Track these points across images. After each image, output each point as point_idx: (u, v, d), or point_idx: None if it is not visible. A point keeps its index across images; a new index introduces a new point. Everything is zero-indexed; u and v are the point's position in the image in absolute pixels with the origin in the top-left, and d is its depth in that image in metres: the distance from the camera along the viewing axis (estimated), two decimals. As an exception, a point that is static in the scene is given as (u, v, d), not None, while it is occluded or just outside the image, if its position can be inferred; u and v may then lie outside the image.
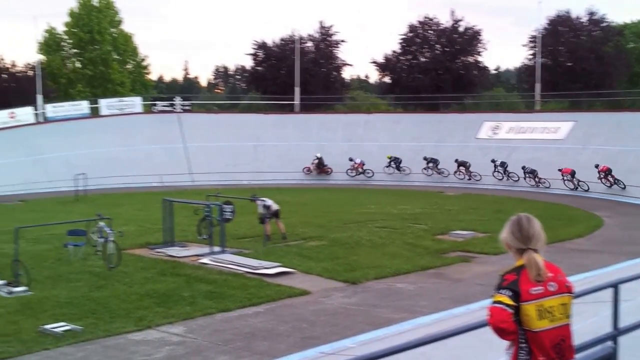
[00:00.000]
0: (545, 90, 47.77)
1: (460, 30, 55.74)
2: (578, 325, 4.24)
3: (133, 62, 60.67)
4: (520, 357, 3.91)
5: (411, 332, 9.66)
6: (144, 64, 62.25)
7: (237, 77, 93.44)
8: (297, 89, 50.26)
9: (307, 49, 56.37)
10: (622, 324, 6.44)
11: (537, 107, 47.65)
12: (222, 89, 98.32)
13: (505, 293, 3.83)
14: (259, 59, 58.18)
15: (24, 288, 14.11)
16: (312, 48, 57.55)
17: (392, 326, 10.81)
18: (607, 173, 34.27)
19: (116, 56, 57.94)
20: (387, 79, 59.65)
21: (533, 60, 52.35)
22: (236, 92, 79.32)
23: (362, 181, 41.38)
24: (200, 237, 20.25)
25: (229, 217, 19.69)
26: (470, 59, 56.33)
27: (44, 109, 45.60)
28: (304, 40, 56.23)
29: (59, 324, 11.38)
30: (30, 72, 53.04)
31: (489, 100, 54.54)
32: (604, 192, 34.23)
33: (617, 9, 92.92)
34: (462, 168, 39.79)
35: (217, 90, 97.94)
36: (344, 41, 58.66)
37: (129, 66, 60.41)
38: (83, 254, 17.65)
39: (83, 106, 46.87)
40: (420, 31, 56.65)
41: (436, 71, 54.49)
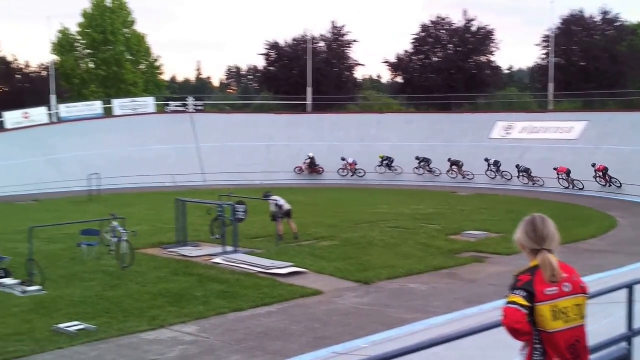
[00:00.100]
0: (559, 90, 47.57)
1: (473, 30, 55.64)
2: (592, 326, 4.21)
3: (146, 62, 60.87)
4: (535, 358, 3.89)
5: (424, 332, 9.63)
6: (157, 64, 62.46)
7: (250, 77, 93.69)
8: (309, 89, 50.27)
9: (319, 49, 56.39)
10: (637, 325, 6.40)
11: (551, 107, 47.41)
12: (235, 89, 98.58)
13: (519, 294, 3.82)
14: (272, 59, 58.29)
15: (38, 287, 14.18)
16: (324, 48, 57.60)
17: (405, 326, 10.78)
18: (604, 172, 34.69)
19: (129, 57, 58.12)
20: (400, 79, 59.63)
21: (546, 59, 52.13)
22: (249, 92, 79.50)
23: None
24: (213, 237, 20.28)
25: (242, 217, 19.70)
26: (482, 58, 56.22)
27: (57, 109, 45.83)
28: (316, 41, 56.25)
29: (72, 323, 11.43)
30: (44, 72, 53.42)
31: (502, 100, 54.33)
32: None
33: (631, 8, 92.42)
34: (455, 167, 40.24)
35: (230, 91, 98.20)
36: (356, 41, 58.88)
37: (142, 67, 60.61)
38: (97, 253, 17.72)
39: (96, 106, 47.08)
40: (432, 31, 56.60)
41: (449, 71, 54.39)
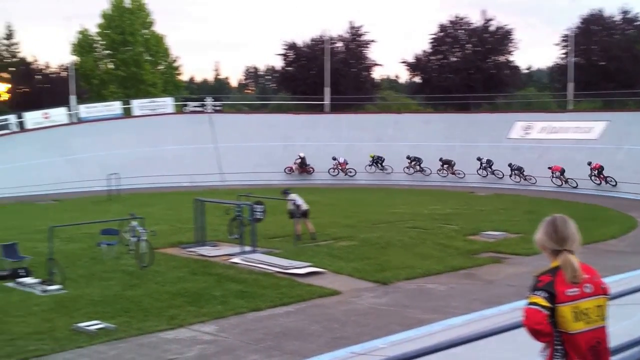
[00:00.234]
0: (578, 89, 47.19)
1: (491, 29, 55.37)
2: (613, 327, 4.18)
3: (165, 63, 61.11)
4: (555, 360, 3.87)
5: (442, 333, 9.60)
6: (176, 64, 62.72)
7: (268, 77, 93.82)
8: (327, 89, 50.24)
9: (337, 49, 56.35)
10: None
11: (570, 107, 47.06)
12: (253, 89, 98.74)
13: (540, 294, 3.80)
14: (289, 59, 58.34)
15: (58, 286, 14.30)
16: (342, 48, 57.55)
17: (423, 327, 10.75)
18: (599, 171, 35.28)
19: (148, 57, 58.35)
20: (418, 79, 59.46)
21: (565, 59, 51.82)
22: (266, 93, 79.61)
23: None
24: (231, 237, 20.33)
25: (260, 217, 19.74)
26: (501, 58, 55.93)
27: (77, 109, 46.15)
28: (334, 41, 56.20)
29: (92, 322, 11.51)
30: (64, 73, 53.76)
31: (521, 100, 54.04)
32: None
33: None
34: (446, 166, 40.72)
35: (248, 91, 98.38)
36: (374, 41, 58.73)
37: (161, 67, 60.82)
38: (116, 253, 17.85)
39: (115, 107, 47.34)
40: (450, 31, 56.41)
41: (467, 71, 54.18)
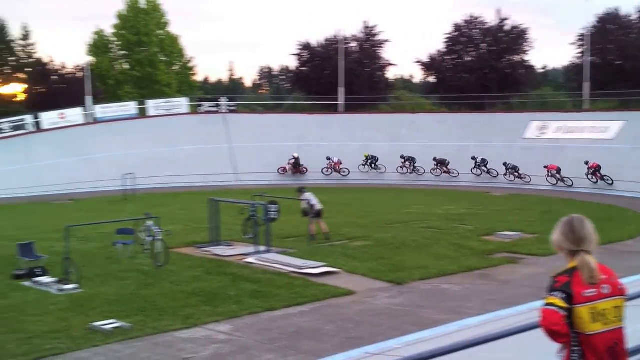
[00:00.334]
0: (594, 89, 46.88)
1: (506, 29, 55.14)
2: (630, 328, 4.15)
3: (179, 63, 61.36)
4: (572, 361, 3.85)
5: (458, 333, 9.56)
6: (190, 65, 62.94)
7: (282, 77, 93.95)
8: (341, 89, 50.23)
9: (351, 49, 56.32)
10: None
11: (586, 107, 46.75)
12: (267, 89, 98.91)
13: (557, 295, 3.78)
14: (303, 59, 58.41)
15: (74, 285, 14.40)
16: (356, 48, 57.53)
17: (438, 327, 10.71)
18: (596, 170, 35.84)
19: (163, 58, 58.61)
20: (432, 79, 59.33)
21: (581, 58, 51.50)
22: (280, 93, 79.71)
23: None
24: (245, 237, 20.37)
25: (274, 216, 19.78)
26: (516, 58, 55.69)
27: (93, 110, 46.43)
28: (348, 41, 56.19)
29: (108, 321, 11.57)
30: (80, 73, 54.15)
31: (536, 100, 53.77)
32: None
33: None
34: (440, 165, 41.18)
35: (262, 91, 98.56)
36: (387, 41, 58.68)
37: (176, 67, 61.08)
38: (131, 252, 17.93)
39: (131, 107, 47.58)
40: (465, 30, 56.24)
41: (482, 70, 53.99)
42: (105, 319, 11.68)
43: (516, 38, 54.83)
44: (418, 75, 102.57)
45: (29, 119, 43.52)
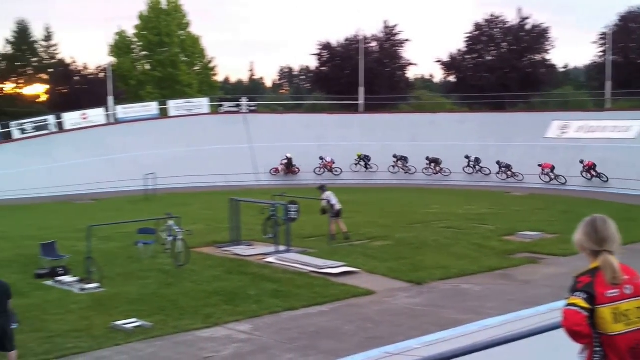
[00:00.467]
0: (616, 88, 46.41)
1: (528, 28, 54.75)
2: (654, 329, 4.10)
3: (200, 63, 61.60)
4: (594, 361, 3.82)
5: (478, 333, 9.52)
6: (211, 65, 63.18)
7: (302, 77, 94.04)
8: (361, 89, 50.15)
9: (371, 49, 56.18)
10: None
11: (608, 106, 46.29)
12: (287, 89, 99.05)
13: (580, 295, 3.75)
14: (324, 59, 58.36)
15: (96, 285, 14.51)
16: (376, 48, 57.37)
17: (458, 327, 10.69)
18: (591, 168, 36.51)
19: (184, 58, 58.88)
20: (453, 78, 59.05)
21: (603, 57, 51.01)
22: (301, 93, 79.73)
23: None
24: (265, 237, 20.42)
25: (294, 216, 19.82)
26: (537, 57, 55.25)
27: (114, 110, 46.71)
28: (368, 40, 56.05)
29: (129, 320, 11.66)
30: (102, 74, 54.55)
31: (557, 99, 53.31)
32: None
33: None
34: (433, 164, 41.37)
35: (282, 91, 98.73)
36: (408, 40, 58.40)
37: (197, 68, 61.32)
38: (153, 252, 18.04)
39: (152, 107, 47.80)
40: (486, 29, 55.90)
41: (502, 70, 53.64)
42: (126, 318, 11.76)
43: (537, 37, 54.39)
44: (438, 75, 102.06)
45: (51, 119, 43.89)
